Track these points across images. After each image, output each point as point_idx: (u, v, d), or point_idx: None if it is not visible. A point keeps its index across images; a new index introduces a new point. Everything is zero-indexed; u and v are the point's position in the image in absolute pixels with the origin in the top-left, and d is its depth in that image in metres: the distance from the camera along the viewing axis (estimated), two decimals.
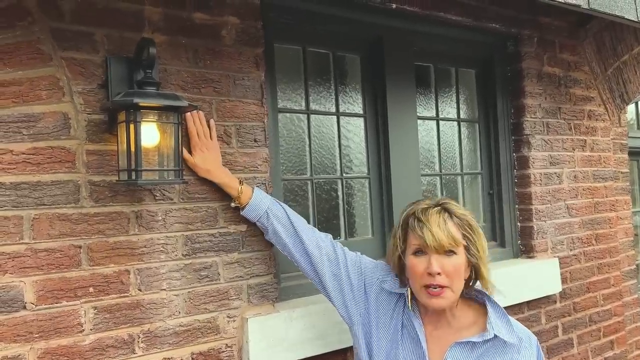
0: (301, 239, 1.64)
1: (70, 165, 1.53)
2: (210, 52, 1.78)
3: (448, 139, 2.66)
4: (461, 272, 1.40)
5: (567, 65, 2.90)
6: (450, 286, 1.38)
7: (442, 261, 1.38)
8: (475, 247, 1.42)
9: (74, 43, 1.55)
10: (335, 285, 1.59)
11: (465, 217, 1.43)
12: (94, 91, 1.57)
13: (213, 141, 1.70)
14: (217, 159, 1.70)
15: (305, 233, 1.65)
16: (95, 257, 1.55)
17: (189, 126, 1.66)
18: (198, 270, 1.72)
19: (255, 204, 1.67)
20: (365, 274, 1.58)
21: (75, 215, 1.53)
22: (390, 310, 1.50)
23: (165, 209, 1.67)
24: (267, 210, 1.67)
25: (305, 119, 2.19)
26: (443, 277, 1.37)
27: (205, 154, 1.67)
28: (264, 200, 1.69)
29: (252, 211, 1.68)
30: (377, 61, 2.34)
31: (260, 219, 1.69)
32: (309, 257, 1.63)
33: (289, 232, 1.66)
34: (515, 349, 1.37)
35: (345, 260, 1.60)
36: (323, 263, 1.61)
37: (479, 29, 2.59)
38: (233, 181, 1.69)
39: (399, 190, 2.32)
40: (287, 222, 1.67)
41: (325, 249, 1.62)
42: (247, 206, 1.68)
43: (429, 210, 1.43)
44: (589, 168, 2.98)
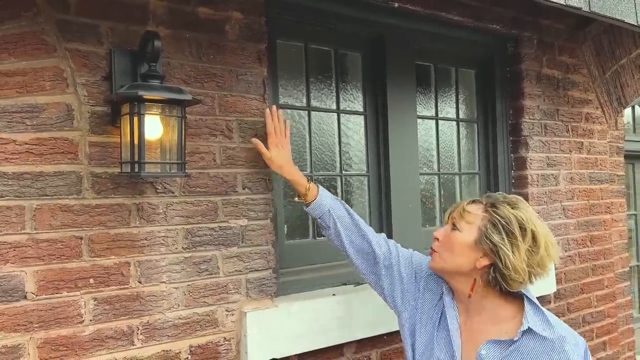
0: (363, 236, 1.68)
1: (72, 157, 1.53)
2: (213, 47, 1.78)
3: (447, 139, 2.68)
4: (454, 248, 1.42)
5: (565, 68, 2.92)
6: (440, 254, 1.46)
7: (446, 231, 1.46)
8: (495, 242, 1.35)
9: (78, 35, 1.55)
10: (387, 278, 1.64)
11: (506, 217, 1.36)
12: (97, 83, 1.57)
13: (287, 139, 1.80)
14: (289, 156, 1.79)
15: (366, 232, 1.69)
16: (96, 249, 1.56)
17: (268, 123, 1.77)
18: (198, 263, 1.73)
19: (320, 202, 1.72)
20: (416, 265, 1.63)
21: (77, 207, 1.53)
22: (435, 300, 1.54)
23: (166, 202, 1.68)
24: (330, 209, 1.71)
25: (306, 116, 2.20)
26: (438, 244, 1.47)
27: (280, 150, 1.76)
28: (327, 200, 1.73)
29: (315, 209, 1.72)
30: (379, 59, 2.35)
31: (322, 217, 1.72)
32: (364, 253, 1.68)
33: (348, 231, 1.69)
34: (555, 347, 1.33)
35: (398, 255, 1.65)
36: (377, 259, 1.65)
37: (479, 30, 2.61)
38: (302, 179, 1.76)
39: (397, 189, 2.34)
40: (349, 221, 1.71)
41: (382, 247, 1.67)
42: (311, 204, 1.72)
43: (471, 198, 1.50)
44: (585, 170, 3.01)
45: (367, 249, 1.67)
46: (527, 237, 1.36)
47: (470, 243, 1.40)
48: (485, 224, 1.38)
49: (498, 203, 1.41)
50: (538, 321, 1.36)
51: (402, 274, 1.62)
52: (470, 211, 1.42)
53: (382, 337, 2.13)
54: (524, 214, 1.39)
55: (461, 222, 1.42)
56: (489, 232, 1.37)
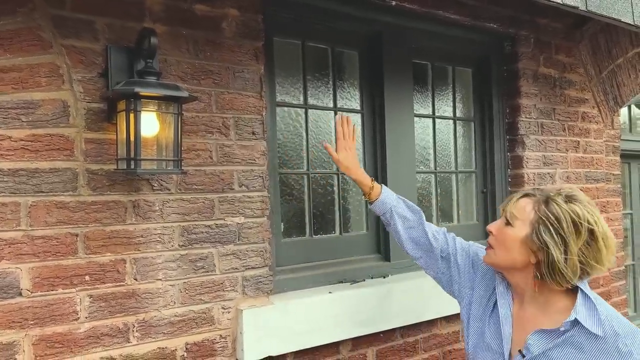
0: (423, 231, 1.72)
1: (68, 153, 1.53)
2: (210, 44, 1.78)
3: (443, 137, 2.68)
4: (506, 243, 1.40)
5: (562, 67, 2.93)
6: (494, 248, 1.44)
7: (500, 225, 1.44)
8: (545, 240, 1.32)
9: (74, 31, 1.54)
10: (445, 268, 1.67)
11: (557, 215, 1.33)
12: (93, 80, 1.57)
13: (354, 142, 1.86)
14: (356, 158, 1.85)
15: (425, 227, 1.73)
16: (91, 246, 1.55)
17: (337, 128, 1.84)
18: (194, 261, 1.73)
19: (382, 201, 1.77)
20: (473, 256, 1.64)
21: (72, 203, 1.53)
22: (490, 289, 1.55)
23: (162, 199, 1.67)
24: (392, 208, 1.76)
25: (303, 114, 2.20)
26: (492, 238, 1.45)
27: (348, 153, 1.83)
28: (390, 199, 1.78)
29: (378, 207, 1.78)
30: (376, 58, 2.35)
31: (384, 215, 1.78)
32: (423, 248, 1.73)
33: (408, 229, 1.75)
34: (609, 347, 1.29)
35: (455, 247, 1.68)
36: (435, 252, 1.69)
37: (476, 28, 2.61)
38: (367, 179, 1.81)
39: (394, 187, 2.33)
40: (410, 218, 1.75)
41: (439, 240, 1.71)
42: (375, 202, 1.78)
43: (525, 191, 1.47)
44: (582, 169, 3.01)
45: (425, 243, 1.72)
46: (581, 235, 1.31)
47: (522, 239, 1.37)
48: (537, 220, 1.35)
49: (551, 198, 1.36)
50: (587, 314, 1.32)
51: (459, 265, 1.65)
52: (522, 206, 1.39)
53: (379, 335, 2.14)
54: (580, 208, 1.33)
55: (514, 216, 1.40)
56: (540, 229, 1.34)
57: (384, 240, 2.34)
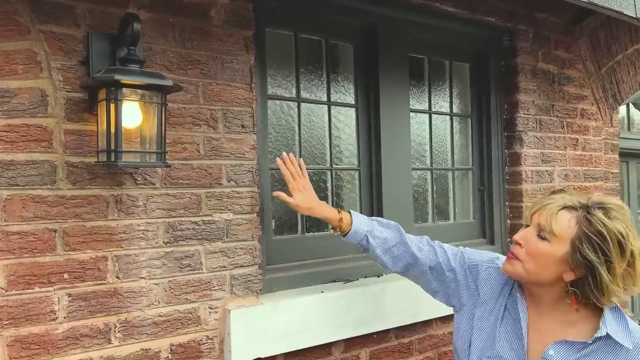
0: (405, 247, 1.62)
1: (46, 145, 1.45)
2: (198, 32, 1.71)
3: (440, 133, 2.62)
4: (541, 260, 1.29)
5: (561, 63, 2.87)
6: (523, 263, 1.31)
7: (531, 237, 1.31)
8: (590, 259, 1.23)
9: (53, 16, 1.47)
10: (436, 282, 1.59)
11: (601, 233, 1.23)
12: (74, 68, 1.49)
13: (306, 179, 1.74)
14: (314, 196, 1.72)
15: (406, 242, 1.63)
16: (71, 242, 1.48)
17: (283, 170, 1.71)
18: (179, 258, 1.65)
19: (355, 230, 1.65)
20: (470, 263, 1.55)
21: (50, 198, 1.46)
22: (497, 293, 1.45)
23: (146, 194, 1.60)
24: (367, 233, 1.65)
25: (296, 107, 2.13)
26: (522, 250, 1.32)
27: (304, 194, 1.70)
28: (363, 224, 1.66)
29: (353, 237, 1.66)
30: (371, 51, 2.28)
31: (361, 242, 1.67)
32: (409, 264, 1.62)
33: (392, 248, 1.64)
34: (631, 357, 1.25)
35: (446, 256, 1.58)
36: (422, 264, 1.60)
37: (474, 22, 2.54)
38: (333, 213, 1.68)
39: (389, 184, 2.27)
40: (391, 236, 1.64)
41: (425, 251, 1.61)
42: (348, 233, 1.66)
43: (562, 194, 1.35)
44: (580, 167, 2.96)
45: (409, 258, 1.62)
46: (625, 255, 1.23)
47: (561, 257, 1.26)
48: (578, 237, 1.24)
49: (592, 212, 1.25)
50: (618, 327, 1.27)
51: (455, 272, 1.55)
52: (561, 222, 1.26)
53: (372, 336, 2.07)
54: (622, 226, 1.24)
55: (550, 232, 1.27)
56: (583, 248, 1.23)
57: None
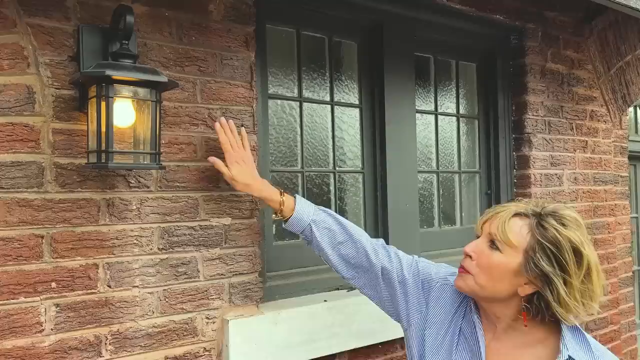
0: (357, 247, 1.47)
1: (33, 145, 1.36)
2: (196, 28, 1.62)
3: (446, 135, 2.53)
4: (494, 273, 1.19)
5: (570, 63, 2.78)
6: (475, 276, 1.21)
7: (482, 248, 1.21)
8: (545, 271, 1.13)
9: (42, 8, 1.38)
10: (387, 292, 1.43)
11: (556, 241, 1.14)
12: (63, 63, 1.41)
13: (247, 152, 1.56)
14: (255, 171, 1.56)
15: (360, 240, 1.47)
16: (59, 249, 1.39)
17: (221, 138, 1.52)
18: (175, 266, 1.56)
19: (298, 216, 1.49)
20: (424, 276, 1.42)
21: (37, 201, 1.37)
22: (450, 314, 1.34)
23: (140, 197, 1.51)
24: (312, 222, 1.49)
25: (298, 107, 2.04)
26: (472, 263, 1.22)
27: (243, 167, 1.53)
28: (308, 212, 1.50)
29: (294, 225, 1.50)
30: (376, 49, 2.20)
31: (304, 232, 1.51)
32: (359, 266, 1.47)
33: (337, 245, 1.48)
34: None
35: (400, 264, 1.44)
36: (375, 270, 1.44)
37: (482, 20, 2.46)
38: (274, 193, 1.52)
39: (394, 187, 2.19)
40: (338, 232, 1.48)
41: (380, 255, 1.46)
42: (289, 220, 1.50)
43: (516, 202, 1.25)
44: (590, 170, 2.87)
45: (362, 261, 1.45)
46: (582, 266, 1.14)
47: (514, 268, 1.17)
48: (532, 247, 1.15)
49: (545, 220, 1.17)
50: (579, 349, 1.18)
51: (406, 285, 1.41)
52: (514, 229, 1.18)
53: (377, 347, 1.98)
54: (577, 235, 1.15)
55: (507, 242, 1.18)
56: (537, 258, 1.14)
57: None
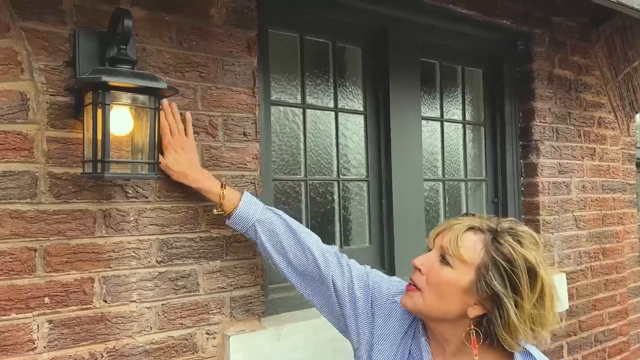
0: (305, 252, 1.38)
1: (27, 154, 1.31)
2: (196, 32, 1.57)
3: (452, 142, 2.48)
4: (443, 289, 1.11)
5: (578, 69, 2.73)
6: (422, 292, 1.14)
7: (433, 262, 1.14)
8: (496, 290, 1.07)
9: (37, 12, 1.33)
10: (337, 305, 1.35)
11: (511, 259, 1.08)
12: (59, 69, 1.35)
13: (189, 139, 1.43)
14: (195, 160, 1.43)
15: (309, 246, 1.39)
16: (53, 262, 1.33)
17: (161, 121, 1.38)
18: (174, 279, 1.50)
19: (242, 214, 1.40)
20: (374, 291, 1.34)
21: (30, 213, 1.31)
22: (400, 334, 1.27)
23: (138, 208, 1.45)
24: (256, 222, 1.40)
25: (301, 114, 1.99)
26: (422, 278, 1.15)
27: (180, 155, 1.41)
28: (253, 210, 1.41)
29: (236, 222, 1.42)
30: (381, 54, 2.15)
31: (247, 232, 1.43)
32: (307, 274, 1.39)
33: (284, 248, 1.40)
34: None
35: (351, 276, 1.35)
36: (324, 280, 1.36)
37: (488, 25, 2.41)
38: (214, 185, 1.43)
39: (399, 196, 2.13)
40: (285, 234, 1.40)
41: (331, 264, 1.37)
42: (232, 216, 1.42)
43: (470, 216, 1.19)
44: (598, 178, 2.82)
45: (311, 269, 1.37)
46: (535, 289, 1.08)
47: (465, 286, 1.10)
48: (485, 264, 1.09)
49: (501, 236, 1.11)
50: None
51: (355, 300, 1.32)
52: (467, 244, 1.10)
53: None
54: (533, 255, 1.09)
55: (458, 257, 1.10)
56: (490, 276, 1.08)
57: (389, 254, 2.12)
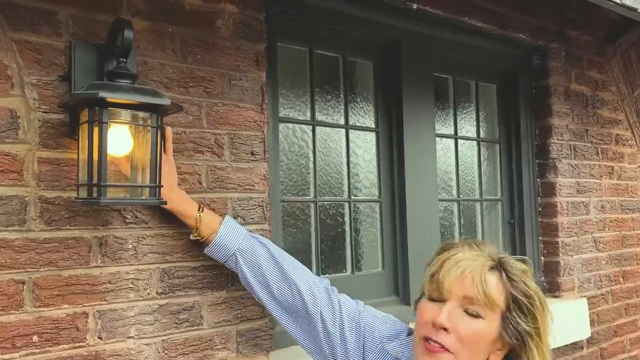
0: (291, 286, 1.28)
1: (15, 177, 1.19)
2: (202, 45, 1.46)
3: (467, 160, 2.37)
4: (480, 345, 1.02)
5: (594, 84, 2.64)
6: (455, 354, 1.01)
7: (459, 316, 1.02)
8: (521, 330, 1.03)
9: (30, 22, 1.22)
10: (327, 346, 1.25)
11: (529, 294, 1.04)
12: (52, 84, 1.24)
13: (167, 156, 1.30)
14: (172, 179, 1.29)
15: (295, 280, 1.28)
16: (43, 296, 1.21)
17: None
18: (176, 312, 1.38)
19: (221, 242, 1.30)
20: (366, 331, 1.23)
21: (18, 242, 1.19)
22: None
23: (137, 234, 1.33)
24: (237, 251, 1.30)
25: (310, 131, 1.88)
26: (451, 337, 1.01)
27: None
28: (234, 237, 1.31)
29: (216, 251, 1.31)
30: (393, 69, 2.05)
31: (228, 262, 1.33)
32: (292, 311, 1.29)
33: (268, 281, 1.30)
34: None
35: (341, 315, 1.25)
36: (311, 318, 1.27)
37: (503, 39, 2.32)
38: (191, 207, 1.31)
39: (414, 217, 2.01)
40: (269, 266, 1.30)
41: (319, 301, 1.27)
42: (210, 243, 1.31)
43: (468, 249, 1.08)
44: (617, 198, 2.70)
45: (297, 305, 1.28)
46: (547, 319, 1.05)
47: (495, 335, 1.03)
48: (508, 305, 1.03)
49: (509, 270, 1.05)
50: None
51: (346, 342, 1.22)
52: (493, 289, 1.02)
53: None
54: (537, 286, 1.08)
55: (485, 305, 1.01)
56: (515, 317, 1.02)
57: (403, 280, 2.00)
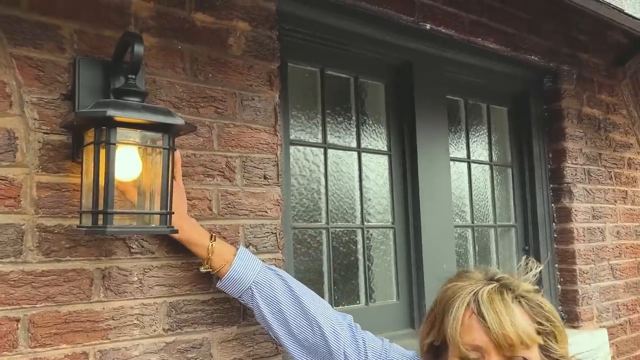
0: (312, 324, 1.20)
1: (12, 203, 1.09)
2: (213, 64, 1.39)
3: (480, 185, 2.29)
4: None
5: (606, 107, 2.59)
6: None
7: None
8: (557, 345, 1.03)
9: (31, 37, 1.14)
10: None
11: (535, 298, 1.03)
12: (54, 102, 1.15)
13: (177, 181, 1.19)
14: (182, 206, 1.20)
15: (316, 316, 1.19)
16: (39, 335, 1.09)
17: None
18: (184, 351, 1.26)
19: (236, 275, 1.20)
20: None
21: (14, 275, 1.08)
22: None
23: (143, 265, 1.23)
24: (253, 285, 1.20)
25: (322, 154, 1.79)
26: None
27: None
28: (251, 268, 1.21)
29: (231, 285, 1.21)
30: (406, 90, 1.98)
31: (242, 297, 1.23)
32: (313, 349, 1.20)
33: (290, 322, 1.20)
34: None
35: (366, 353, 1.19)
36: (334, 357, 1.18)
37: (515, 61, 2.27)
38: (201, 237, 1.21)
39: (429, 244, 1.92)
40: (288, 302, 1.21)
41: (342, 339, 1.19)
42: (224, 276, 1.21)
43: (484, 290, 1.02)
44: (631, 223, 2.63)
45: (318, 344, 1.19)
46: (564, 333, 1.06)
47: None
48: (538, 332, 1.01)
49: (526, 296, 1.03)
50: None
51: None
52: (526, 326, 0.98)
53: None
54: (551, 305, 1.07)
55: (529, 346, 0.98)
56: (548, 343, 1.01)
57: (419, 311, 1.89)
